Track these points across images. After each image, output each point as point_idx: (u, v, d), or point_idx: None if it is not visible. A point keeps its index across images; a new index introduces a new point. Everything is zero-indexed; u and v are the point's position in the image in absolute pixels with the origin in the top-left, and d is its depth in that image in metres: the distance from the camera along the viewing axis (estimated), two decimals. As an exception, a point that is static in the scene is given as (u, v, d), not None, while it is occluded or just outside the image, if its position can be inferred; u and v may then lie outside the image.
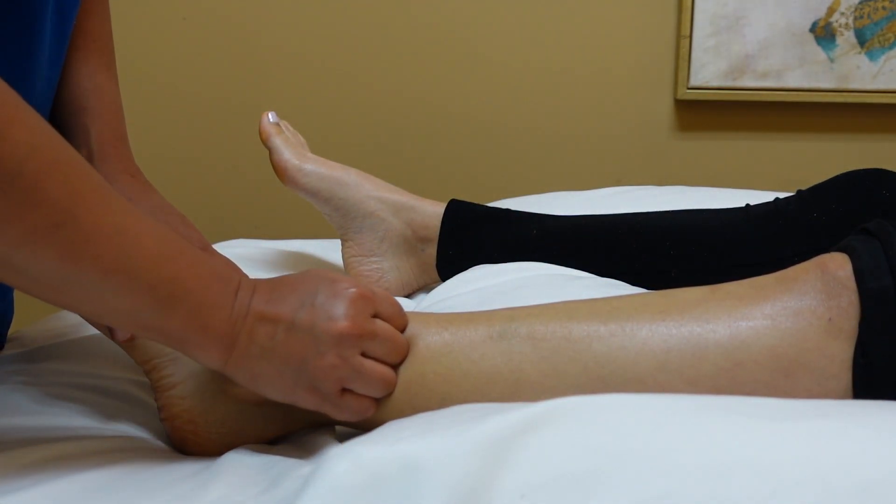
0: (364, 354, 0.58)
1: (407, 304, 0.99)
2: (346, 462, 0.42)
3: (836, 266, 0.56)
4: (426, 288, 1.01)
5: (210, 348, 0.55)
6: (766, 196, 1.05)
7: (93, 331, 0.80)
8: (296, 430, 0.65)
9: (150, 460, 0.58)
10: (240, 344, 0.56)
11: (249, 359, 0.56)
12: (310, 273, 0.60)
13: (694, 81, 1.63)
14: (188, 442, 0.62)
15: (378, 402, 0.59)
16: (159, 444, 0.63)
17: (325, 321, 0.56)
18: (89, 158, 0.70)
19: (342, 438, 0.62)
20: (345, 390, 0.58)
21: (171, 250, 0.54)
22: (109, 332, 0.63)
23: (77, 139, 0.72)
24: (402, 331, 0.61)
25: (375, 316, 0.59)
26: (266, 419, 0.63)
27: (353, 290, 0.58)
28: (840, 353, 0.53)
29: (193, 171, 1.61)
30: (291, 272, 1.08)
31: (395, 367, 0.60)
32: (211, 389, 0.62)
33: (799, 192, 0.90)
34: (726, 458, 0.40)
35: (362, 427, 0.61)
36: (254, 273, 1.03)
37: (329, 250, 1.14)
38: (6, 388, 0.69)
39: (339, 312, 0.56)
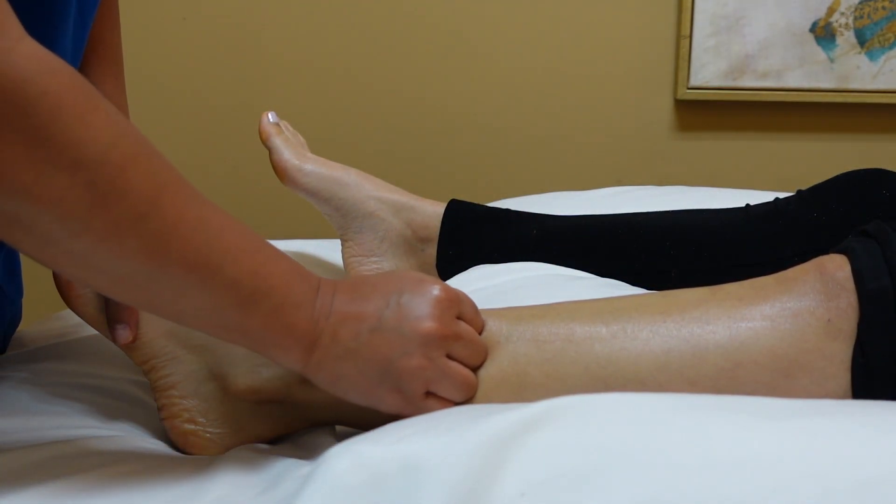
0: (448, 356, 0.57)
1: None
2: (346, 461, 0.42)
3: (835, 267, 0.56)
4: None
5: (291, 349, 0.54)
6: (766, 196, 1.05)
7: (93, 331, 0.80)
8: (296, 430, 0.65)
9: (151, 460, 0.58)
10: (322, 344, 0.54)
11: (332, 360, 0.55)
12: (393, 273, 0.59)
13: (694, 81, 1.63)
14: (188, 442, 0.62)
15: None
16: (160, 443, 0.63)
17: (412, 320, 0.55)
18: None
19: (342, 438, 0.62)
20: (427, 393, 0.57)
21: (252, 244, 0.52)
22: (112, 334, 0.62)
23: None
24: (480, 333, 0.60)
25: (458, 317, 0.58)
26: (266, 418, 0.63)
27: (440, 290, 0.57)
28: (839, 353, 0.54)
29: (193, 172, 1.60)
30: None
31: (475, 370, 0.59)
32: (210, 389, 0.62)
33: (799, 192, 0.91)
34: (726, 455, 0.40)
35: (363, 426, 0.61)
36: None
37: (329, 250, 1.14)
38: (7, 388, 0.69)
39: (426, 312, 0.55)
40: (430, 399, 0.56)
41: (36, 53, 0.44)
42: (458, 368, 0.57)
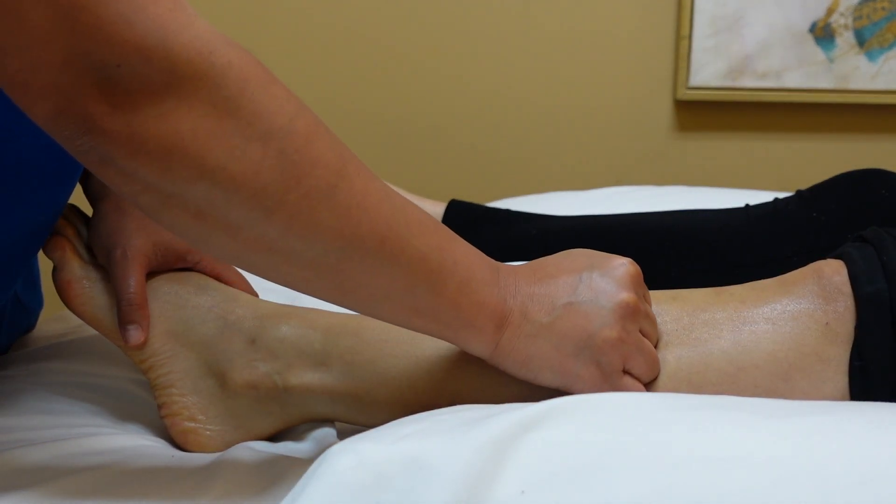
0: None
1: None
2: (347, 459, 0.42)
3: (832, 271, 0.56)
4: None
5: (483, 328, 0.52)
6: (766, 196, 1.06)
7: (94, 331, 0.80)
8: (294, 425, 0.65)
9: (152, 458, 0.58)
10: (512, 322, 0.53)
11: (524, 338, 0.53)
12: (574, 251, 0.57)
13: (693, 82, 1.63)
14: (189, 440, 0.62)
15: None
16: (161, 441, 0.64)
17: (609, 293, 0.53)
18: None
19: (342, 435, 0.62)
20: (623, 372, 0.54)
21: (431, 221, 0.51)
22: (123, 335, 0.62)
23: None
24: None
25: None
26: (265, 415, 0.63)
27: (629, 263, 0.56)
28: (836, 357, 0.54)
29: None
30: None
31: None
32: (209, 385, 0.62)
33: (799, 192, 0.91)
34: (725, 452, 0.40)
35: (361, 423, 0.61)
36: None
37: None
38: (8, 387, 0.69)
39: (622, 284, 0.54)
40: (626, 378, 0.54)
41: (212, 27, 0.43)
42: (649, 345, 0.55)
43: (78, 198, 0.67)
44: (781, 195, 0.95)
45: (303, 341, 0.61)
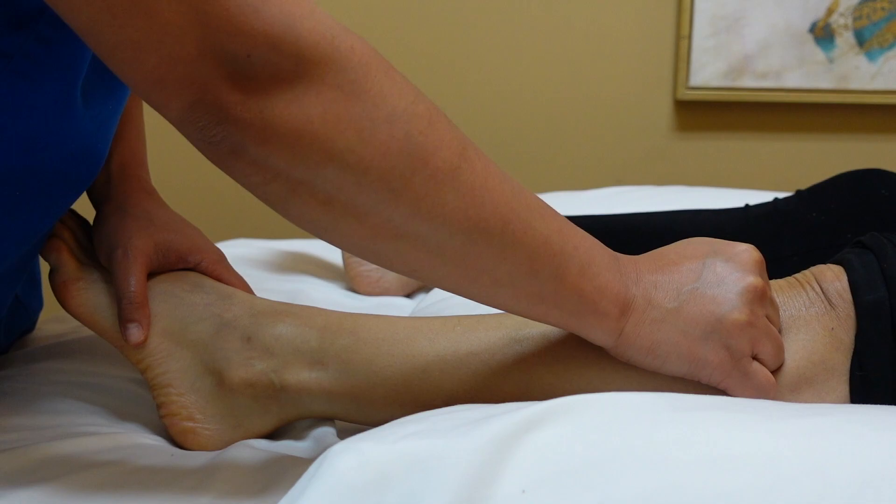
0: None
1: (407, 304, 1.00)
2: (349, 459, 0.42)
3: (833, 277, 0.56)
4: (426, 288, 1.02)
5: (607, 313, 0.51)
6: (766, 196, 1.06)
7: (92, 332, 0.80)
8: (291, 422, 0.64)
9: (151, 458, 0.58)
10: (636, 308, 0.52)
11: (649, 323, 0.52)
12: (693, 240, 0.57)
13: (693, 82, 1.63)
14: (188, 439, 0.62)
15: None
16: (160, 440, 0.64)
17: (735, 276, 0.53)
18: (107, 180, 0.70)
19: (341, 434, 0.62)
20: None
21: (547, 206, 0.51)
22: (123, 333, 0.62)
23: None
24: None
25: None
26: (262, 413, 0.63)
27: (752, 249, 0.55)
28: (839, 365, 0.54)
29: (194, 171, 1.61)
30: (282, 271, 1.07)
31: None
32: (207, 384, 0.62)
33: (798, 192, 0.91)
34: (725, 452, 0.40)
35: (359, 420, 0.61)
36: (254, 273, 1.03)
37: (329, 250, 1.15)
38: (7, 388, 0.69)
39: (747, 269, 0.53)
40: (756, 364, 0.53)
41: (330, 15, 0.44)
42: (776, 331, 0.54)
43: (79, 200, 0.67)
44: (781, 195, 0.95)
45: (299, 339, 0.61)
